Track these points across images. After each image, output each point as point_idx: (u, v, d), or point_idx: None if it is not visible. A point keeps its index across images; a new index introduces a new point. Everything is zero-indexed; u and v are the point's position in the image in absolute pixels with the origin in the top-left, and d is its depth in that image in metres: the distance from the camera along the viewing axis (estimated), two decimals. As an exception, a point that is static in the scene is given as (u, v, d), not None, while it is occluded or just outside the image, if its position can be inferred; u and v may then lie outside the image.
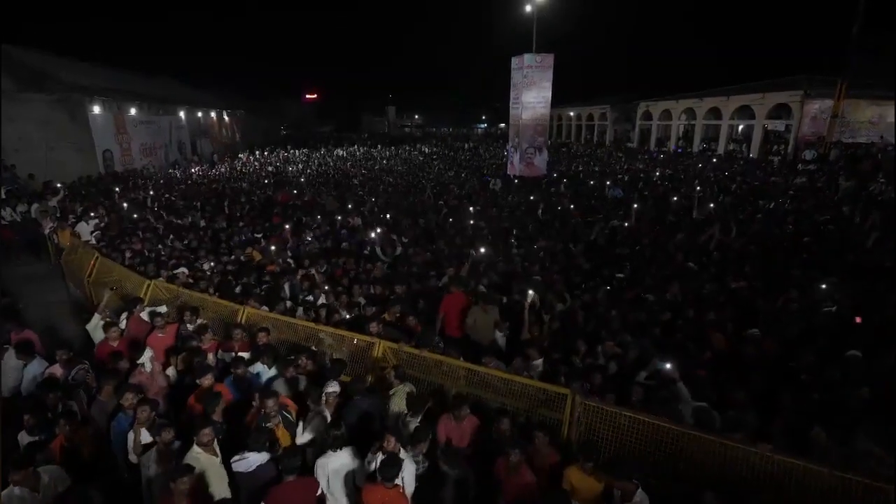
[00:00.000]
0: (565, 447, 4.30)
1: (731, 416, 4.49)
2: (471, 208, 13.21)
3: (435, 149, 41.58)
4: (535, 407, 4.73)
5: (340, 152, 38.52)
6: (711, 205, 13.16)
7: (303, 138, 54.20)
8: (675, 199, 13.98)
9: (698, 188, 15.15)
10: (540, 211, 12.85)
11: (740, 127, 35.08)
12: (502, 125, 70.94)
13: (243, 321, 6.31)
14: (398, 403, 4.81)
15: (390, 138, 58.66)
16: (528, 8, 23.62)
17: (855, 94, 27.39)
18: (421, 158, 32.87)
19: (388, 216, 12.80)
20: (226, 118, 40.44)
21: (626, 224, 11.04)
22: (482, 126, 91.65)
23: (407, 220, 12.46)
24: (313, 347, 5.89)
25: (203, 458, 3.95)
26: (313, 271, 8.11)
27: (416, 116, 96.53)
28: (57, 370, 5.37)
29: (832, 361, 5.19)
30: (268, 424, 4.21)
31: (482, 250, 8.93)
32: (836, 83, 24.69)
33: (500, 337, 6.10)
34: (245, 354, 5.61)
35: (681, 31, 77.36)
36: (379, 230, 10.43)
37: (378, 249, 9.68)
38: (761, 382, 4.89)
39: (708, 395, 4.74)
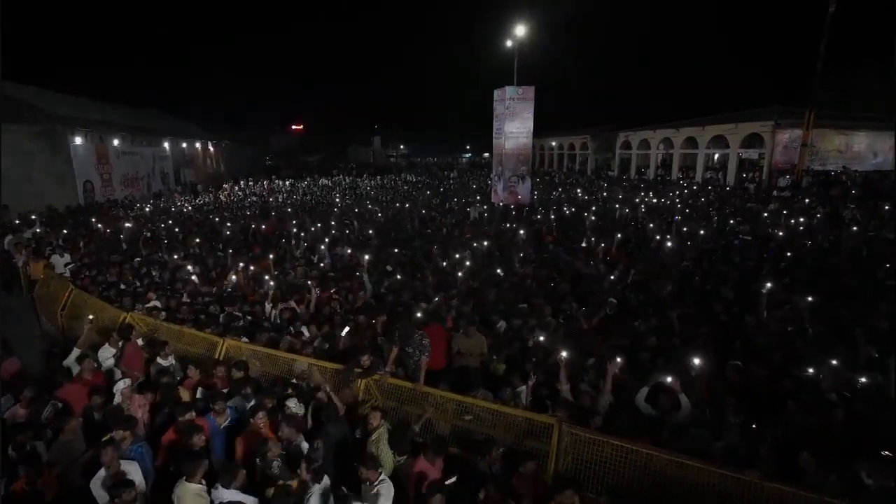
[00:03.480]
0: (553, 478, 4.21)
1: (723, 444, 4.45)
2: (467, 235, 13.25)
3: (420, 178, 42.01)
4: (521, 438, 4.64)
5: (326, 182, 38.65)
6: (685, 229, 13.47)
7: (289, 168, 54.39)
8: (651, 226, 14.22)
9: (677, 217, 15.49)
10: (523, 239, 12.95)
11: (716, 155, 36.22)
12: (486, 154, 72.27)
13: (222, 355, 6.14)
14: (384, 450, 4.60)
15: (376, 168, 59.14)
16: (510, 43, 24.50)
17: (822, 123, 28.62)
18: (406, 187, 33.13)
19: (374, 244, 12.78)
20: (211, 148, 40.45)
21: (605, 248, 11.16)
22: (467, 156, 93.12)
23: (392, 248, 12.44)
24: (294, 381, 5.73)
25: (192, 491, 3.83)
26: (293, 302, 7.97)
27: (402, 146, 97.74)
28: (18, 410, 5.12)
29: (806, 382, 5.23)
30: (269, 471, 4.08)
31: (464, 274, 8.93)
32: (805, 114, 25.77)
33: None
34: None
35: (659, 63, 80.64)
36: (367, 258, 10.38)
37: (366, 277, 9.61)
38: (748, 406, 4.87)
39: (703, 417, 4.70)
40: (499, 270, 9.88)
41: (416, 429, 4.91)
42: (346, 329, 6.80)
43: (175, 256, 11.59)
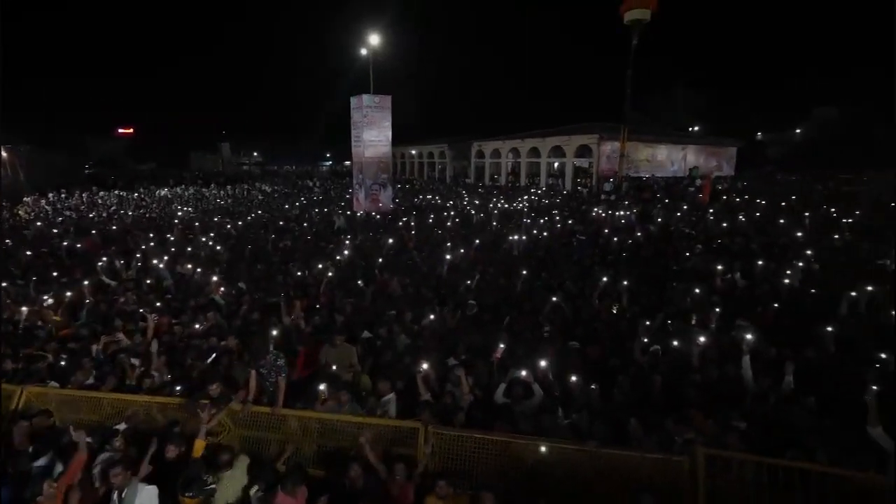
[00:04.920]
0: (422, 478, 4.26)
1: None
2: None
3: (277, 187, 39.66)
4: (390, 446, 4.62)
5: (164, 192, 34.31)
6: (535, 231, 14.88)
7: (117, 178, 46.94)
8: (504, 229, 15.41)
9: (526, 220, 17.02)
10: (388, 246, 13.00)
11: (556, 164, 40.69)
12: (348, 163, 71.22)
13: (21, 405, 5.02)
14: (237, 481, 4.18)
15: (226, 177, 54.28)
16: (364, 51, 24.52)
17: (634, 138, 34.05)
18: (261, 197, 31.01)
19: (225, 259, 11.70)
20: (3, 154, 33.12)
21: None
22: (328, 163, 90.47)
23: (244, 263, 11.51)
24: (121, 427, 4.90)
25: None
26: (120, 334, 6.88)
27: (255, 153, 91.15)
28: None
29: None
30: None
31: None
32: (620, 129, 30.31)
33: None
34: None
35: (507, 78, 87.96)
36: (215, 278, 9.43)
37: (217, 296, 8.72)
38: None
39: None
40: (360, 281, 9.76)
41: (280, 466, 4.57)
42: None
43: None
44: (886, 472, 3.90)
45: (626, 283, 8.55)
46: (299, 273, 10.44)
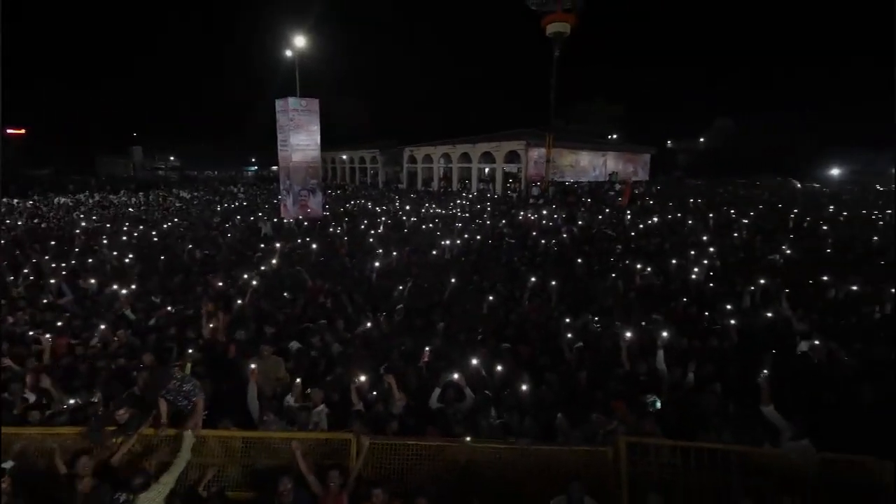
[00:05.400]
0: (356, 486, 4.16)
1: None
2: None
3: (197, 193, 37.29)
4: (322, 459, 4.46)
5: (63, 200, 31.10)
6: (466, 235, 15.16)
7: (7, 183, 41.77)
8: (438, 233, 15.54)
9: (458, 224, 17.27)
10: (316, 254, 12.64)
11: (486, 169, 41.68)
12: (275, 168, 68.50)
13: None
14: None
15: (137, 183, 50.15)
16: (289, 53, 23.73)
17: (559, 144, 35.68)
18: (178, 204, 28.99)
19: (137, 271, 10.77)
20: None
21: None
22: (253, 169, 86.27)
23: (158, 275, 10.69)
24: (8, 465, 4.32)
25: None
26: (6, 359, 6.11)
27: (172, 158, 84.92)
28: None
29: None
30: None
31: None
32: (545, 136, 31.65)
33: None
34: None
35: (439, 85, 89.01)
36: (125, 291, 8.67)
37: (127, 310, 8.02)
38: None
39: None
40: (289, 289, 9.39)
41: (202, 491, 4.26)
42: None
43: None
44: (779, 444, 4.39)
45: (553, 283, 8.91)
46: (221, 283, 9.85)
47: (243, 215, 22.52)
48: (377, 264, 10.47)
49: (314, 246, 13.09)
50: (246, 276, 9.81)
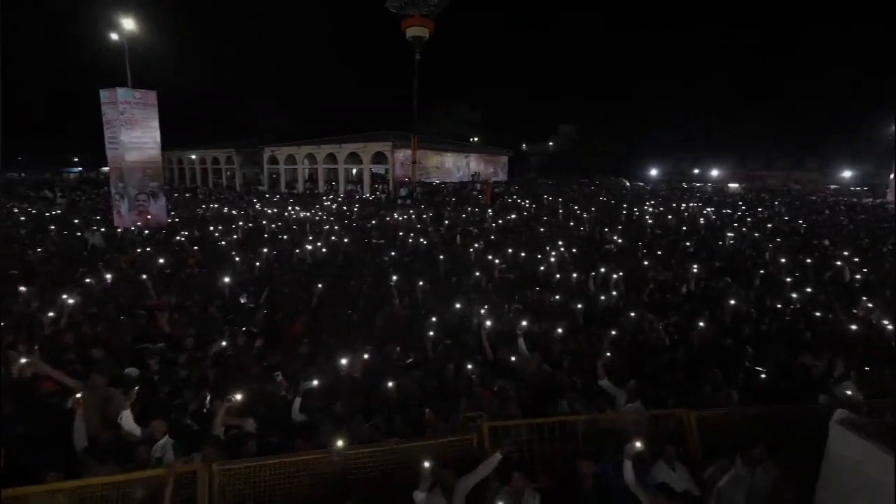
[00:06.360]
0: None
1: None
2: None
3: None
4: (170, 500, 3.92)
5: None
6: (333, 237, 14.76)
7: None
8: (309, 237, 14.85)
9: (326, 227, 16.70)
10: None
11: (353, 170, 41.03)
12: (106, 168, 58.93)
13: None
14: None
15: None
16: (115, 37, 20.61)
17: (424, 146, 36.58)
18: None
19: None
20: None
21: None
22: (75, 170, 73.03)
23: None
24: None
25: None
26: None
27: (-42, 158, 68.01)
28: None
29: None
30: None
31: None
32: (410, 138, 32.20)
33: None
34: None
35: (299, 83, 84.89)
36: None
37: None
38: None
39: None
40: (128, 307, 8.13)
41: None
42: None
43: None
44: (615, 409, 5.04)
45: (421, 282, 9.06)
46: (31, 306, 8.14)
47: (62, 225, 18.94)
48: (230, 275, 9.58)
49: (159, 257, 11.55)
50: (64, 295, 8.25)
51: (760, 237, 16.82)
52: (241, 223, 17.28)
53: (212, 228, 17.11)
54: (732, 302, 8.36)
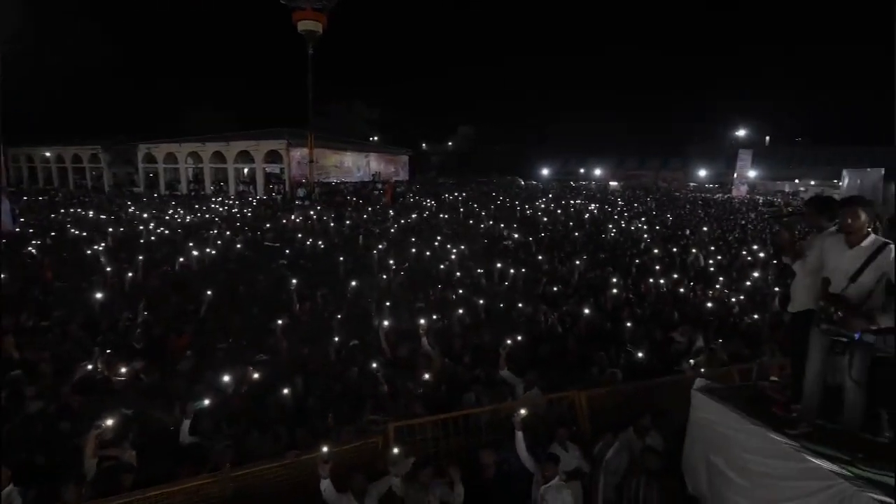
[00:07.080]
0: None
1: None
2: None
3: None
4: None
5: None
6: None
7: None
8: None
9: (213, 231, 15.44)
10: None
11: (245, 170, 38.39)
12: (-75, 168, 48.70)
13: None
14: None
15: None
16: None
17: (322, 145, 35.36)
18: None
19: None
20: None
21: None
22: None
23: None
24: None
25: None
26: None
27: None
28: None
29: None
30: None
31: None
32: (307, 136, 30.95)
33: None
34: None
35: (176, 72, 77.11)
36: None
37: None
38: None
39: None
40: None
41: None
42: None
43: None
44: (515, 398, 5.29)
45: (321, 285, 8.75)
46: None
47: None
48: (99, 288, 8.45)
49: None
50: None
51: (636, 230, 18.76)
52: (110, 228, 15.32)
53: (75, 235, 14.97)
54: (614, 291, 9.21)
